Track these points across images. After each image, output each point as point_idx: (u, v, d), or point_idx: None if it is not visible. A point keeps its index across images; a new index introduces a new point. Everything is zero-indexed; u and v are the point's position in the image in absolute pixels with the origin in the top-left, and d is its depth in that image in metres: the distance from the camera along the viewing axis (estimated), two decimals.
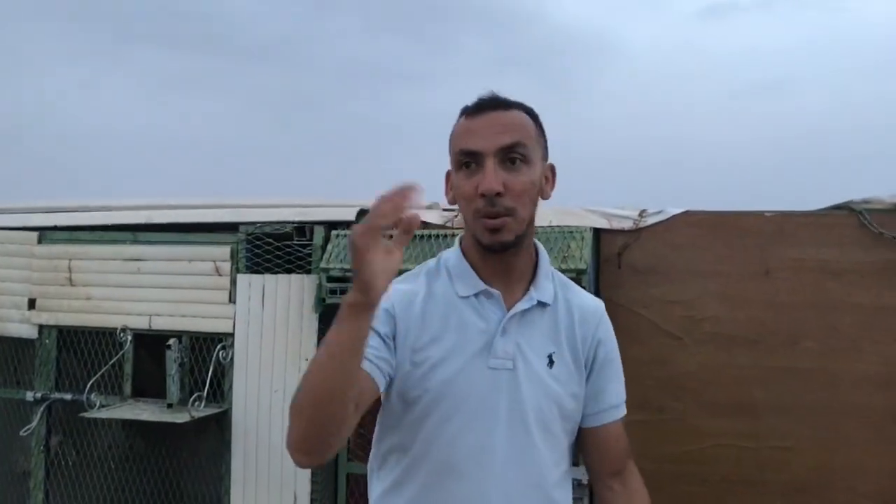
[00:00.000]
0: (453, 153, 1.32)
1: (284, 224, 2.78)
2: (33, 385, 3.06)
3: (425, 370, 1.30)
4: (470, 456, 1.29)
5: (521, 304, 1.34)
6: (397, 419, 1.35)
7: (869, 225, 2.41)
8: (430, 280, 1.37)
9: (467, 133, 1.29)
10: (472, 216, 1.28)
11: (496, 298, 1.34)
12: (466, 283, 1.34)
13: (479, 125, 1.28)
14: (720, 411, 2.48)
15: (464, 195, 1.29)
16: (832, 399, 2.40)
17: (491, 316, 1.33)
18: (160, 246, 2.92)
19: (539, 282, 1.37)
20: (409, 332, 1.31)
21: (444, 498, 1.30)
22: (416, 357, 1.30)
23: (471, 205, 1.28)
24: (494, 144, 1.26)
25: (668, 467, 2.46)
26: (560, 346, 1.37)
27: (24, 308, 3.05)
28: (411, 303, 1.32)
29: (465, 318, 1.32)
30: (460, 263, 1.37)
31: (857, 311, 2.41)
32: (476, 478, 1.29)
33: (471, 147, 1.27)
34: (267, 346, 2.76)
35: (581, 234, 2.53)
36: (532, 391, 1.32)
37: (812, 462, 2.41)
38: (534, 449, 1.33)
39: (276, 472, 2.72)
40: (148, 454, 3.40)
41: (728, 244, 2.53)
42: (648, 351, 2.55)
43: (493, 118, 1.28)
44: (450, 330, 1.31)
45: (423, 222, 2.71)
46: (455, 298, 1.34)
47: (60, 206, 3.19)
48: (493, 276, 1.35)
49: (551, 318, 1.38)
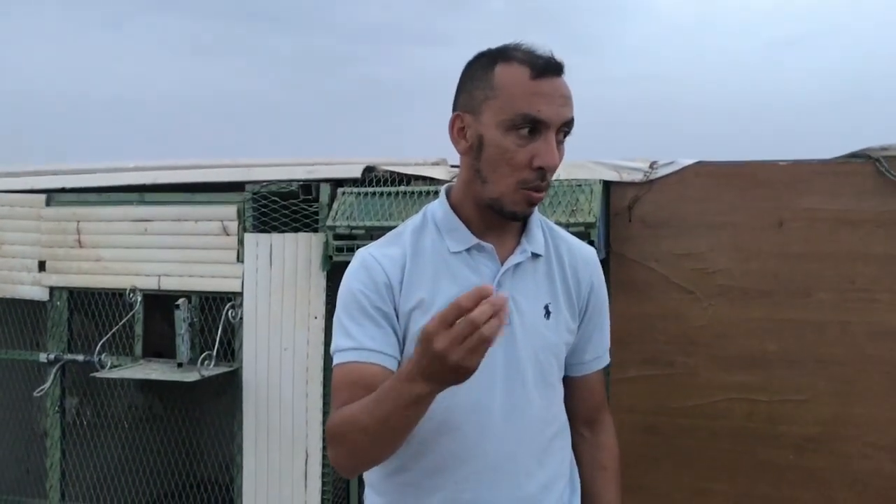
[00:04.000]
0: (507, 110, 1.20)
1: (290, 182, 2.75)
2: (46, 347, 3.08)
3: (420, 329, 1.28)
4: (467, 413, 1.28)
5: (515, 257, 1.32)
6: None
7: (886, 172, 2.34)
8: (416, 238, 1.33)
9: (535, 96, 1.19)
10: (516, 185, 1.22)
11: (489, 252, 1.31)
12: (458, 237, 1.31)
13: (547, 90, 1.20)
14: (732, 365, 2.45)
15: (512, 161, 1.21)
16: (846, 351, 2.36)
17: (484, 270, 1.30)
18: (167, 206, 2.91)
19: (531, 232, 1.34)
20: (405, 296, 1.28)
21: (443, 455, 1.29)
22: (412, 316, 1.28)
23: (518, 173, 1.22)
24: (560, 118, 1.21)
25: (679, 421, 2.44)
26: (555, 296, 1.35)
27: (35, 270, 3.06)
28: (403, 267, 1.29)
29: (458, 274, 1.30)
30: (449, 217, 1.32)
31: (872, 261, 2.35)
32: (473, 434, 1.28)
33: (540, 116, 1.19)
34: (276, 304, 2.75)
35: (590, 187, 2.48)
36: (529, 345, 1.31)
37: (825, 415, 2.38)
38: (531, 404, 1.32)
39: (288, 430, 2.73)
40: (164, 414, 3.44)
41: (741, 195, 2.47)
42: (659, 305, 2.51)
43: (557, 86, 1.21)
44: (442, 287, 1.28)
45: (429, 178, 2.70)
46: (446, 254, 1.31)
47: (68, 169, 3.18)
48: (486, 229, 1.31)
49: (545, 268, 1.36)
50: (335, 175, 2.75)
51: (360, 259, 1.31)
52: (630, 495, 2.45)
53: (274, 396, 2.75)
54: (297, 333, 2.72)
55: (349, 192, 2.68)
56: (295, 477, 2.71)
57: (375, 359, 1.24)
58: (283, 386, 2.74)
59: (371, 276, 1.28)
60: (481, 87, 1.23)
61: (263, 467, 2.75)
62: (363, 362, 1.23)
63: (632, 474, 2.39)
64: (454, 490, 1.28)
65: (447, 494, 1.29)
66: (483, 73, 1.24)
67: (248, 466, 2.78)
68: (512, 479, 1.30)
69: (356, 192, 2.67)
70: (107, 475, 3.20)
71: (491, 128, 1.22)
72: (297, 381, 2.72)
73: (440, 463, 1.29)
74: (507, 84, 1.21)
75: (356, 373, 1.23)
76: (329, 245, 2.61)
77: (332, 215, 2.62)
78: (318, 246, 2.69)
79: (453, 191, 1.36)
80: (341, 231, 2.59)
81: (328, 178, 2.74)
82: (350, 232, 2.58)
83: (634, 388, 2.50)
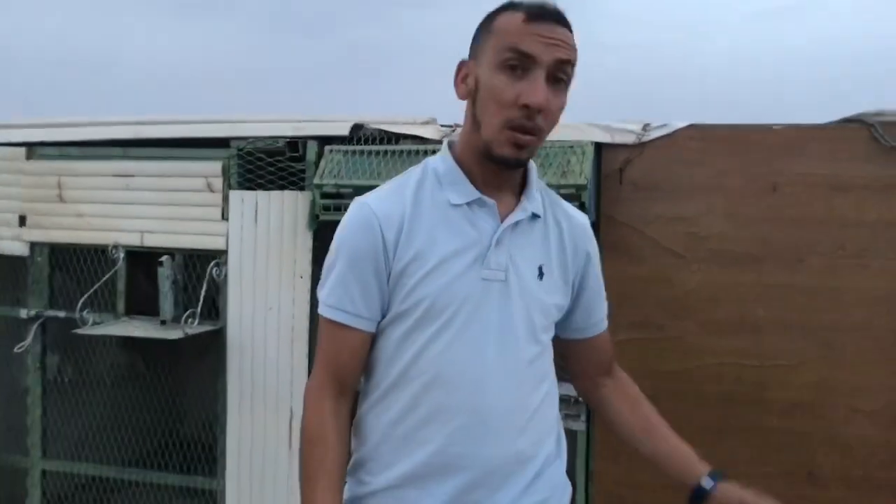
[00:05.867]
0: (498, 49, 1.21)
1: (277, 139, 2.70)
2: (27, 303, 3.03)
3: (416, 281, 1.26)
4: (460, 367, 1.27)
5: (516, 214, 1.31)
6: (386, 334, 1.32)
7: (881, 138, 2.32)
8: (416, 190, 1.31)
9: (526, 34, 1.19)
10: (501, 124, 1.21)
11: (490, 208, 1.29)
12: (460, 190, 1.29)
13: (538, 30, 1.19)
14: (722, 330, 2.44)
15: (499, 99, 1.20)
16: (836, 317, 2.35)
17: (484, 226, 1.29)
18: (150, 161, 2.85)
19: (531, 192, 1.34)
20: (399, 255, 1.27)
21: (434, 408, 1.28)
22: (408, 269, 1.26)
23: (504, 111, 1.20)
24: (552, 56, 1.19)
25: (667, 385, 2.43)
26: (549, 258, 1.35)
27: (15, 225, 3.00)
28: (400, 227, 1.27)
29: (457, 227, 1.28)
30: (453, 170, 1.31)
31: (865, 227, 2.33)
32: (466, 390, 1.27)
33: (528, 49, 1.18)
34: (261, 263, 2.71)
35: (582, 149, 2.44)
36: (522, 303, 1.30)
37: (814, 380, 2.38)
38: (523, 360, 1.31)
39: (272, 389, 2.71)
40: (146, 373, 3.41)
41: (734, 159, 2.44)
42: (650, 269, 2.50)
43: (551, 28, 1.19)
44: (439, 239, 1.27)
45: (419, 137, 2.65)
46: (446, 206, 1.29)
47: (49, 122, 3.11)
48: (487, 185, 1.30)
49: (541, 230, 1.35)
50: (323, 133, 2.70)
51: (360, 213, 1.30)
52: (614, 459, 2.46)
53: (259, 355, 2.72)
54: (283, 292, 2.69)
55: (337, 150, 2.63)
56: (280, 435, 2.69)
57: (354, 322, 1.29)
58: (268, 345, 2.71)
59: (369, 234, 1.28)
60: (483, 34, 1.26)
61: (248, 426, 2.73)
62: (345, 325, 1.30)
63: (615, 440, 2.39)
64: (444, 443, 1.28)
65: (436, 447, 1.28)
66: (488, 22, 1.26)
67: (232, 425, 2.76)
68: (502, 435, 1.29)
69: (344, 150, 2.62)
70: (88, 433, 3.17)
71: (485, 68, 1.23)
72: (282, 341, 2.69)
73: (431, 416, 1.28)
74: (503, 25, 1.22)
75: (343, 339, 1.31)
76: (316, 204, 2.57)
77: (319, 173, 2.57)
78: (304, 204, 2.65)
79: (457, 144, 1.35)
80: (328, 189, 2.54)
81: (315, 136, 2.69)
82: (337, 191, 2.54)
83: (623, 351, 2.44)
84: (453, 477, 1.28)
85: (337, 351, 1.32)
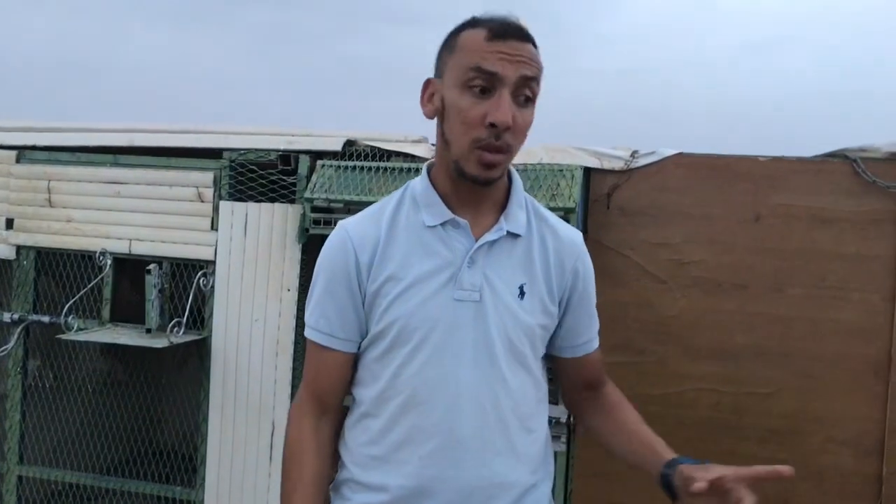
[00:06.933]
0: (463, 68, 1.21)
1: (269, 152, 2.72)
2: (10, 307, 3.02)
3: (389, 302, 1.28)
4: (435, 389, 1.27)
5: (490, 234, 1.30)
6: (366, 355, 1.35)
7: (863, 173, 2.37)
8: (393, 215, 1.33)
9: (489, 52, 1.19)
10: (469, 144, 1.21)
11: (463, 228, 1.30)
12: (433, 212, 1.30)
13: (502, 48, 1.19)
14: (702, 355, 2.48)
15: (466, 119, 1.20)
16: (814, 347, 2.40)
17: (457, 246, 1.29)
18: (141, 170, 2.85)
19: (511, 211, 1.33)
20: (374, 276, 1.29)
21: (409, 430, 1.29)
22: (382, 290, 1.29)
23: (471, 132, 1.20)
24: (517, 73, 1.19)
25: (646, 409, 2.39)
26: (533, 278, 1.33)
27: (2, 228, 2.99)
28: (375, 248, 1.30)
29: (432, 249, 1.29)
30: (428, 192, 1.32)
31: (845, 259, 2.39)
32: (441, 411, 1.27)
33: (492, 68, 1.18)
34: (248, 275, 2.72)
35: (571, 173, 2.48)
36: (500, 323, 1.29)
37: (790, 408, 2.42)
38: (502, 382, 1.30)
39: (255, 401, 2.71)
40: (126, 381, 3.40)
41: (719, 188, 2.49)
42: (633, 293, 2.53)
43: (515, 46, 1.20)
44: (413, 261, 1.28)
45: (410, 155, 2.68)
46: (421, 228, 1.30)
47: (40, 126, 3.11)
48: (463, 205, 1.30)
49: (524, 249, 1.34)
50: (315, 147, 2.73)
51: (336, 236, 1.35)
52: (592, 480, 2.48)
53: (243, 367, 2.72)
54: (269, 305, 2.70)
55: (328, 165, 2.65)
56: (260, 447, 2.69)
57: (331, 343, 1.34)
58: (253, 357, 2.71)
59: (343, 257, 1.32)
60: (447, 52, 1.26)
61: (229, 437, 2.73)
62: (325, 347, 1.34)
63: (594, 460, 2.41)
64: (419, 465, 1.28)
65: (412, 470, 1.28)
66: (451, 40, 1.26)
67: (213, 436, 2.76)
68: (477, 457, 1.28)
69: (336, 166, 2.65)
70: (67, 439, 3.15)
71: (450, 87, 1.23)
72: (266, 353, 2.69)
73: (407, 438, 1.29)
74: (466, 44, 1.22)
75: (322, 360, 1.36)
76: (306, 217, 2.58)
77: (310, 187, 2.59)
78: (294, 217, 2.66)
79: (434, 166, 1.35)
80: (319, 204, 2.56)
81: (308, 150, 2.71)
82: (328, 205, 2.55)
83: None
84: (429, 500, 1.28)
85: (317, 371, 1.36)
